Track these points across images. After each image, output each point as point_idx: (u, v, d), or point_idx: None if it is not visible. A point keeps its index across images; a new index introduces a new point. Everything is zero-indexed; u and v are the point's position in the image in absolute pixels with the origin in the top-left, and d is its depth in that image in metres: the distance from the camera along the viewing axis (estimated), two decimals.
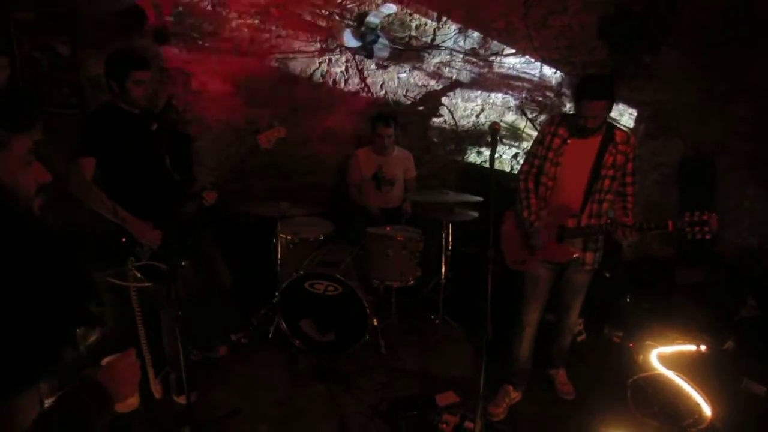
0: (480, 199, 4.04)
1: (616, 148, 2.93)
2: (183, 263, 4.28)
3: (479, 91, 5.02)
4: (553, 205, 3.07)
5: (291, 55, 4.92)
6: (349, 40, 4.63)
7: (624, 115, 4.80)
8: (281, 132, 3.35)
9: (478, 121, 5.15)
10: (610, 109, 2.93)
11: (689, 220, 2.70)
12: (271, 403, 3.31)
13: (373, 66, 4.98)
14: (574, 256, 3.08)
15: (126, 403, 1.38)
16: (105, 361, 1.43)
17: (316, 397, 3.39)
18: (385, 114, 4.63)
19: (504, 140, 5.17)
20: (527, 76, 4.84)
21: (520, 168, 3.25)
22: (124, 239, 2.94)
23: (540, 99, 4.97)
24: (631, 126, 4.82)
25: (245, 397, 3.36)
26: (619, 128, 3.04)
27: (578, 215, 2.99)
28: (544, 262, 3.15)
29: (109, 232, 2.96)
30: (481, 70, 4.92)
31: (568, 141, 3.00)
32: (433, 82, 5.04)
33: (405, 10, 4.73)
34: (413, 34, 4.86)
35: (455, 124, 5.17)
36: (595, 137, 2.96)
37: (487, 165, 2.57)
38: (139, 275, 2.84)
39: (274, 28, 4.81)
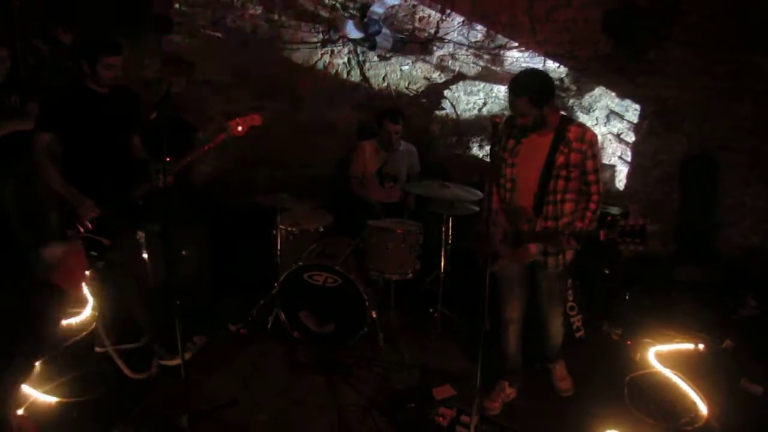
0: (480, 193, 4.02)
1: (568, 147, 2.80)
2: (183, 252, 4.32)
3: (482, 84, 5.00)
4: (513, 208, 3.01)
5: (293, 46, 4.90)
6: (352, 31, 4.61)
7: (627, 111, 4.77)
8: (256, 120, 3.36)
9: (480, 115, 5.13)
10: (537, 106, 2.75)
11: (621, 230, 2.54)
12: (270, 394, 3.32)
13: (376, 58, 4.96)
14: (536, 258, 3.01)
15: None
16: (49, 253, 1.52)
17: (315, 388, 3.40)
18: (393, 110, 4.57)
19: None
20: None
21: None
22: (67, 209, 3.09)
23: None
24: (635, 122, 4.79)
25: (243, 386, 3.36)
26: (576, 124, 2.89)
27: (533, 219, 2.91)
28: (509, 263, 3.10)
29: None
30: (485, 64, 4.90)
31: (522, 140, 2.93)
32: (436, 75, 5.02)
33: (409, 2, 4.71)
34: (417, 25, 4.83)
35: (457, 117, 5.15)
36: (547, 135, 2.85)
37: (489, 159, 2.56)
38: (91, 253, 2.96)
39: (276, 18, 4.79)
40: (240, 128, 3.30)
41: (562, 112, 2.97)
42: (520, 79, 2.81)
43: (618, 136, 4.89)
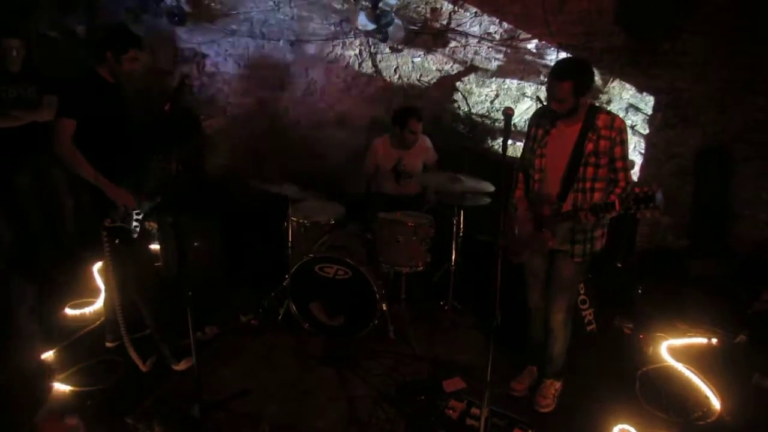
0: (491, 186, 4.00)
1: (597, 134, 2.81)
2: (195, 243, 4.34)
3: (494, 77, 4.96)
4: (540, 196, 3.02)
5: (305, 38, 4.89)
6: (364, 22, 4.58)
7: (642, 103, 4.72)
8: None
9: (492, 107, 5.09)
10: (578, 92, 2.76)
11: (635, 197, 2.52)
12: (280, 385, 3.34)
13: (387, 49, 4.93)
14: (554, 245, 3.00)
15: None
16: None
17: (325, 380, 3.42)
18: (415, 108, 4.50)
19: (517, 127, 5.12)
20: (543, 62, 4.77)
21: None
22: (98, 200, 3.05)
23: None
24: (649, 114, 4.74)
25: (254, 378, 3.39)
26: (605, 112, 2.89)
27: (556, 203, 2.92)
28: (533, 252, 3.11)
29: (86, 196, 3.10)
30: (497, 55, 4.86)
31: (551, 131, 2.95)
32: (447, 67, 4.99)
33: None
34: (429, 17, 4.80)
35: (469, 109, 5.12)
36: (576, 124, 2.86)
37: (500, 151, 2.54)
38: (116, 241, 2.94)
39: (288, 9, 4.78)
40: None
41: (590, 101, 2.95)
42: (566, 65, 2.83)
43: (632, 128, 4.84)
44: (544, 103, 4.90)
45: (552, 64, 4.77)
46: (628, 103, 4.71)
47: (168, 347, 3.40)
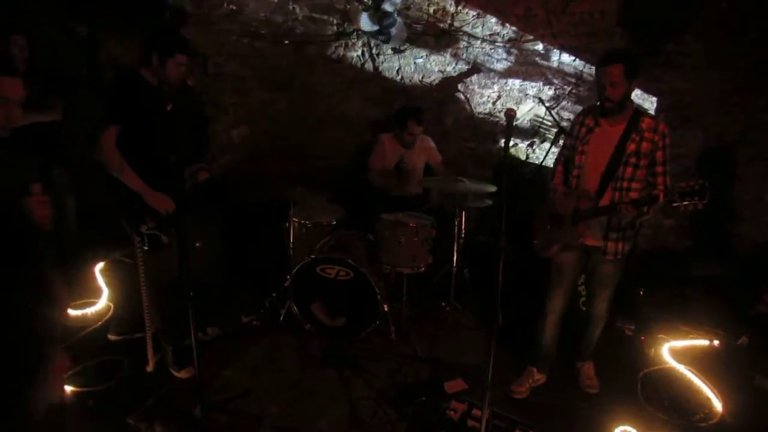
0: (493, 188, 4.01)
1: (641, 136, 2.86)
2: (197, 244, 4.34)
3: (496, 78, 4.96)
4: (578, 191, 3.07)
5: (307, 39, 4.90)
6: (366, 23, 4.58)
7: (644, 105, 4.71)
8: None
9: (494, 108, 5.09)
10: (630, 76, 2.79)
11: (680, 191, 2.56)
12: (281, 385, 3.34)
13: (390, 50, 4.94)
14: (588, 242, 3.05)
15: None
16: None
17: (326, 381, 3.41)
18: (416, 110, 4.53)
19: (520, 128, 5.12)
20: (546, 64, 4.77)
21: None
22: (135, 207, 3.00)
23: (558, 87, 4.90)
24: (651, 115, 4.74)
25: (255, 378, 3.39)
26: (649, 116, 2.96)
27: (593, 198, 2.96)
28: (565, 248, 3.14)
29: (121, 202, 3.04)
30: (499, 57, 4.86)
31: (594, 129, 3.00)
32: (449, 68, 4.99)
33: None
34: (431, 18, 4.80)
35: (471, 110, 5.12)
36: (620, 124, 2.92)
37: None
38: (146, 247, 2.91)
39: (291, 9, 4.79)
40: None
41: (636, 105, 2.97)
42: (613, 50, 2.88)
43: None
44: (546, 105, 4.91)
45: (554, 65, 4.79)
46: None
47: (172, 349, 3.40)
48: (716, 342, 3.76)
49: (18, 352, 2.16)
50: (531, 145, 5.22)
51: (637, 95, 4.69)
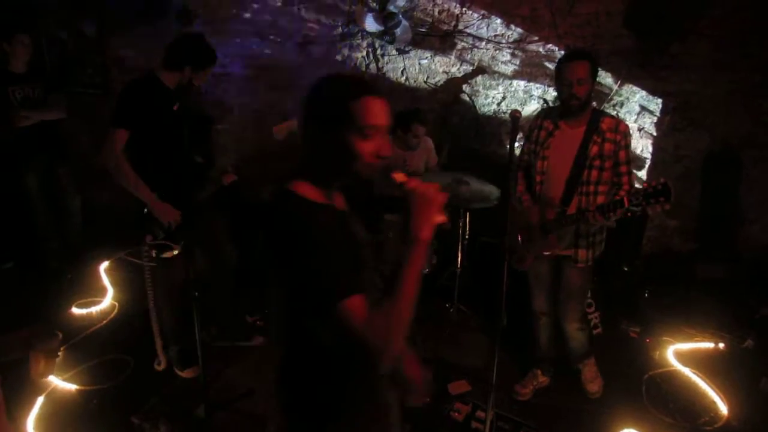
0: (497, 191, 4.00)
1: (602, 137, 2.81)
2: (207, 247, 4.35)
3: (501, 79, 4.95)
4: (543, 200, 3.01)
5: (312, 39, 4.90)
6: (371, 24, 4.58)
7: (650, 106, 4.70)
8: (293, 125, 3.37)
9: (499, 109, 5.08)
10: (594, 74, 2.78)
11: (644, 193, 2.51)
12: None
13: (394, 51, 4.94)
14: (559, 251, 3.00)
15: None
16: None
17: None
18: (419, 111, 4.46)
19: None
20: (551, 65, 4.77)
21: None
22: (145, 210, 2.98)
23: None
24: (657, 117, 4.72)
25: (259, 378, 3.38)
26: (609, 116, 2.90)
27: (560, 207, 2.91)
28: (538, 258, 3.10)
29: (130, 207, 3.01)
30: (504, 58, 4.86)
31: (554, 132, 2.94)
32: (454, 69, 4.99)
33: None
34: (436, 19, 4.80)
35: (476, 111, 5.11)
36: (580, 126, 2.86)
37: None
38: (154, 254, 2.90)
39: (296, 10, 4.80)
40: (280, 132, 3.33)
41: (594, 104, 2.95)
42: (577, 48, 2.85)
43: (641, 131, 4.82)
44: (550, 105, 4.90)
45: None
46: (640, 105, 4.70)
47: (178, 349, 3.40)
48: (721, 345, 3.74)
49: None
50: None
51: (642, 97, 4.68)
